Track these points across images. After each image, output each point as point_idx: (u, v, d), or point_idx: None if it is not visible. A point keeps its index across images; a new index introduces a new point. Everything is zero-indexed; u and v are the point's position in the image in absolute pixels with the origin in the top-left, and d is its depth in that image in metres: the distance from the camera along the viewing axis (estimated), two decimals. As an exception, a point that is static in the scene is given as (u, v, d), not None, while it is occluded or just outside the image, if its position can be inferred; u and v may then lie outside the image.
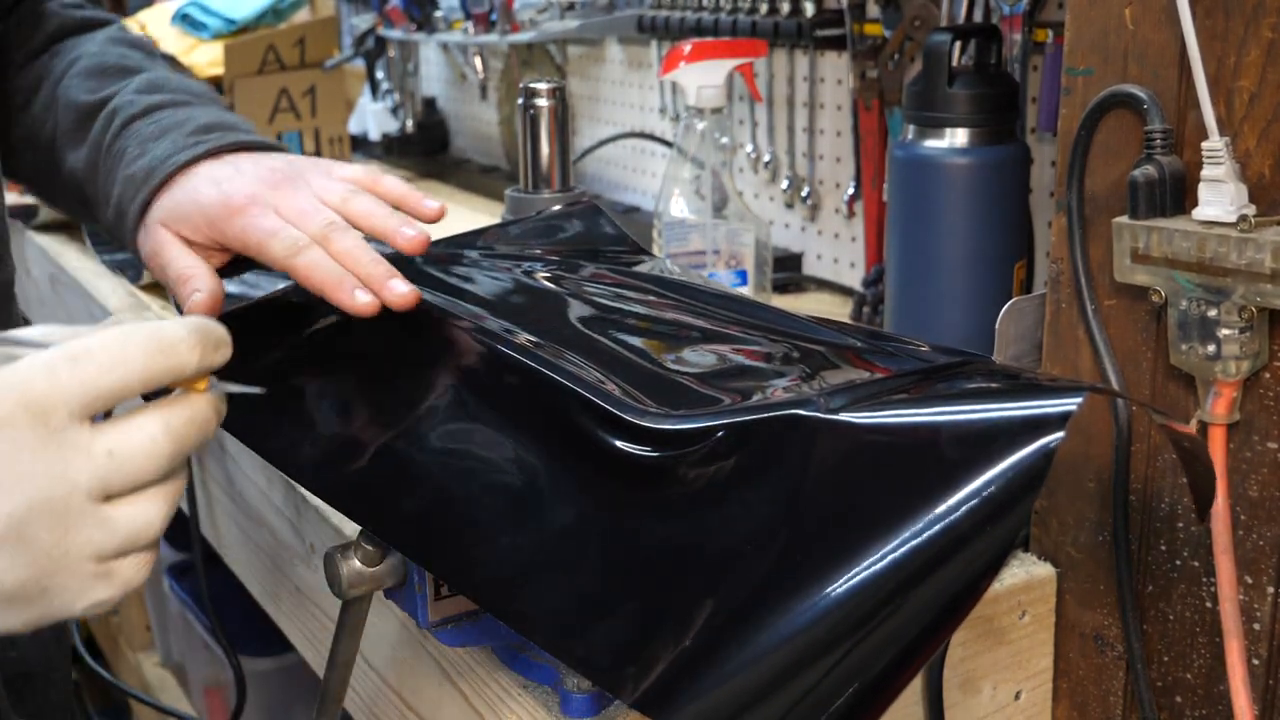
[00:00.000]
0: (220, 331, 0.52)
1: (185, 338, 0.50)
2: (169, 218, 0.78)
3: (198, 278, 0.76)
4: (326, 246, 0.72)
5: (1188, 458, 0.61)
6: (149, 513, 0.49)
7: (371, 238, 0.75)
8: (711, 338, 0.69)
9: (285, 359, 0.74)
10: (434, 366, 0.69)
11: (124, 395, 0.48)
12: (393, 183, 0.79)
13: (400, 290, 0.69)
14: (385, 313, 0.71)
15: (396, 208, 0.77)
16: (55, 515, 0.46)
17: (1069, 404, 0.48)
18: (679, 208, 1.17)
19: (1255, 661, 0.69)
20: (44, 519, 0.46)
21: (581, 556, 0.56)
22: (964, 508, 0.47)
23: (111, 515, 0.48)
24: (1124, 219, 0.68)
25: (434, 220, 0.78)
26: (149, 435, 0.49)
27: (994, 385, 0.55)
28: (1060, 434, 0.47)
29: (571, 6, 1.63)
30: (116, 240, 0.84)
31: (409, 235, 0.74)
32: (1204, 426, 0.67)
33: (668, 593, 0.52)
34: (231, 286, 0.80)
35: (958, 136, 0.91)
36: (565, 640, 0.54)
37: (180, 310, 0.77)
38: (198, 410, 0.51)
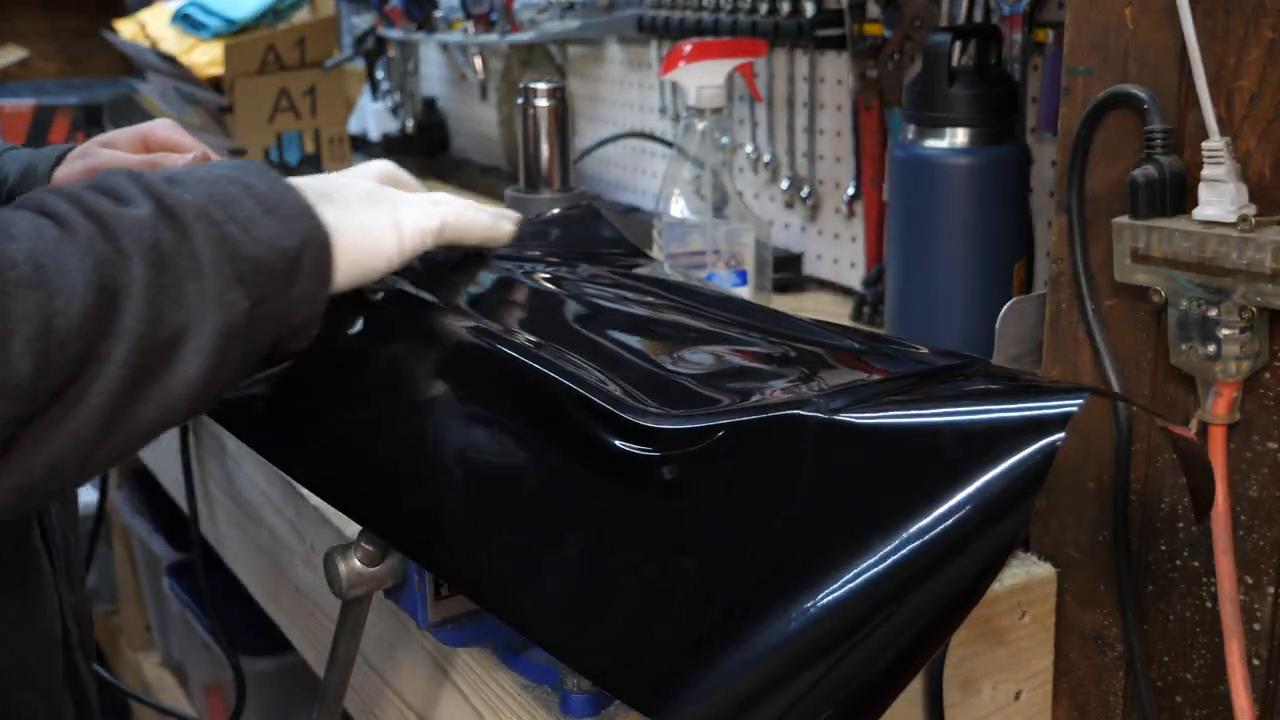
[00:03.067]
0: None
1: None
2: (102, 140, 0.88)
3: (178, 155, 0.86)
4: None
5: (1187, 461, 0.61)
6: None
7: None
8: (710, 339, 0.68)
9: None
10: (433, 366, 0.69)
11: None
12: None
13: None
14: (386, 312, 0.71)
15: None
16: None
17: (1070, 405, 0.48)
18: (679, 208, 1.17)
19: (1255, 662, 0.69)
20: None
21: (581, 556, 0.55)
22: (964, 509, 0.47)
23: None
24: (1124, 219, 0.68)
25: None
26: None
27: (994, 387, 0.55)
28: (1061, 434, 0.47)
29: (571, 6, 1.63)
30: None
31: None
32: (1204, 426, 0.67)
33: (667, 593, 0.52)
34: None
35: (958, 136, 0.91)
36: (565, 640, 0.54)
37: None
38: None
